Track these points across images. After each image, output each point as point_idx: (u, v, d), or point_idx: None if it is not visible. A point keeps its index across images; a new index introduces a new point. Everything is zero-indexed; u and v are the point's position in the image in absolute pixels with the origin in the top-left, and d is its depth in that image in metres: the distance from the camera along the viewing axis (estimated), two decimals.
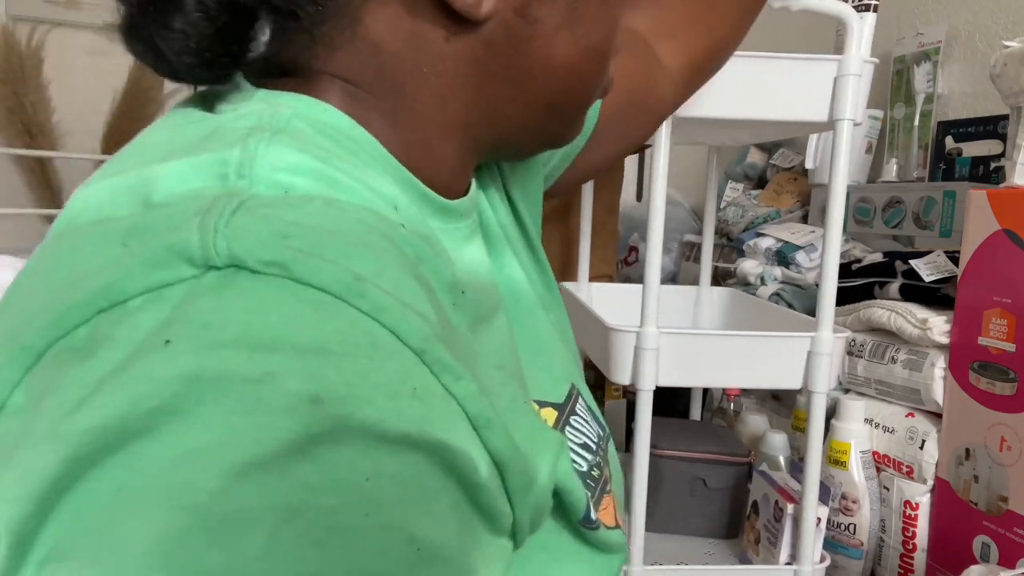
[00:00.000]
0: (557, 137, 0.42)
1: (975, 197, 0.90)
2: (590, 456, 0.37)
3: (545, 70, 0.37)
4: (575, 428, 0.37)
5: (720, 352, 0.81)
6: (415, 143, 0.35)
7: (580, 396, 0.40)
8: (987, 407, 0.88)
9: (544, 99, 0.38)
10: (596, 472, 0.37)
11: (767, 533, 0.91)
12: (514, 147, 0.41)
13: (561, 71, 0.37)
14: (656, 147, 0.76)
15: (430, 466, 0.24)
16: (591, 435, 0.38)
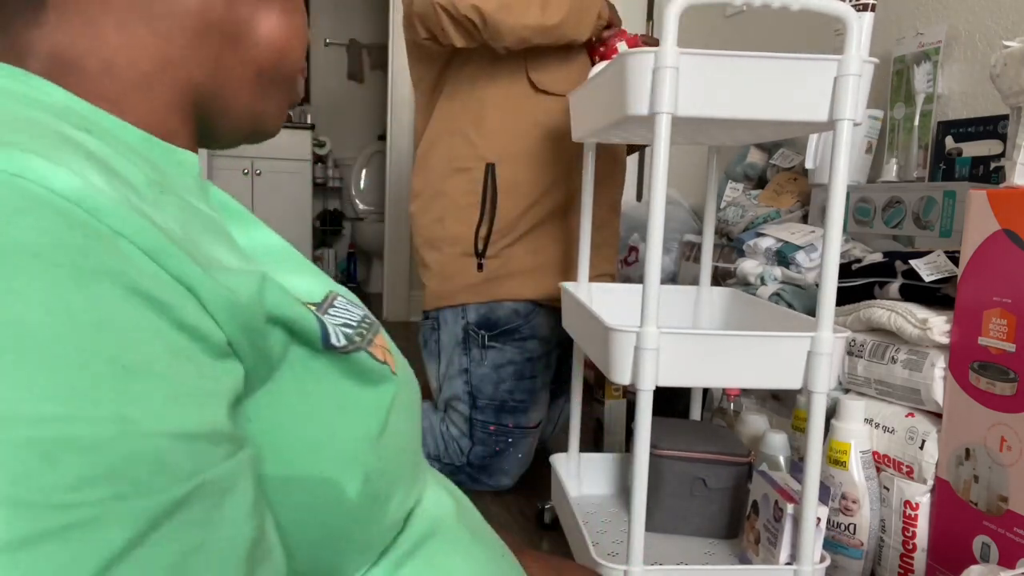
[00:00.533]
0: (261, 117, 0.48)
1: (975, 197, 0.90)
2: (350, 330, 0.42)
3: (250, 37, 0.45)
4: (332, 315, 0.43)
5: (720, 352, 0.81)
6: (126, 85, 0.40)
7: (340, 296, 0.46)
8: (987, 407, 0.88)
9: (253, 66, 0.45)
10: (357, 338, 0.42)
11: (767, 533, 0.91)
12: (226, 112, 0.46)
13: (265, 42, 0.45)
14: (656, 147, 0.76)
15: (114, 296, 0.27)
16: (352, 318, 0.44)
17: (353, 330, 0.44)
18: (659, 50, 0.74)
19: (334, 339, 0.40)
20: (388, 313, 3.31)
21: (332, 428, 0.39)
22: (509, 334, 1.40)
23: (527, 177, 1.38)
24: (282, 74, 0.48)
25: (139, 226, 0.29)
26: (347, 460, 0.40)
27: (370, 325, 0.47)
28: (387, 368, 0.44)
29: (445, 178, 1.42)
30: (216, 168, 3.88)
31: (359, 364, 0.41)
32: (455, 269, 1.41)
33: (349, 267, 4.61)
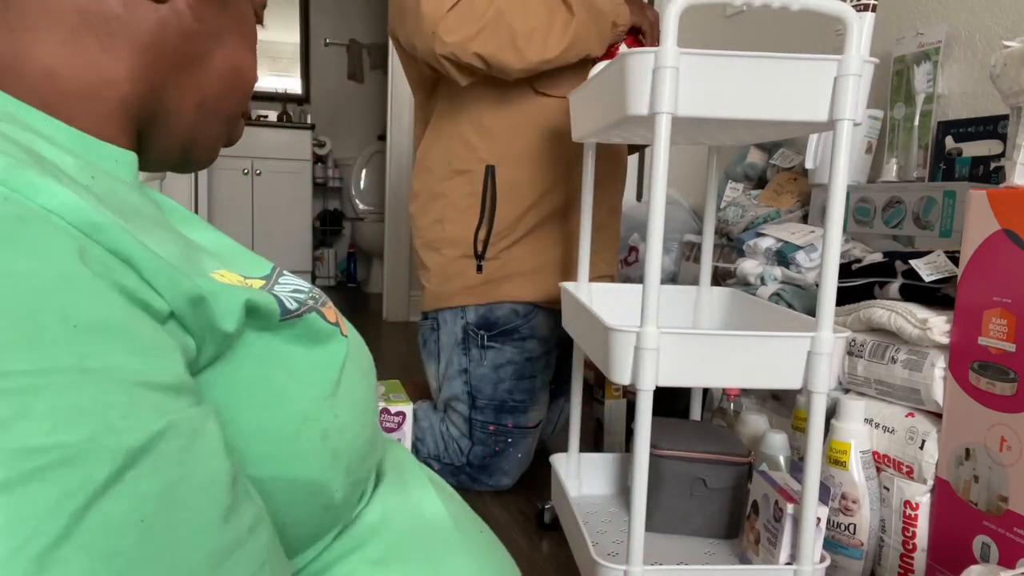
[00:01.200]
0: (197, 146, 0.50)
1: (975, 197, 0.90)
2: (301, 295, 0.45)
3: (202, 67, 0.47)
4: (283, 284, 0.46)
5: (720, 352, 0.81)
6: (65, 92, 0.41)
7: (284, 272, 0.49)
8: (987, 407, 0.88)
9: (197, 94, 0.47)
10: (310, 301, 0.45)
11: (767, 533, 0.91)
12: (163, 133, 0.47)
13: (214, 75, 0.48)
14: (656, 147, 0.76)
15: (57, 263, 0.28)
16: (301, 287, 0.47)
17: (305, 294, 0.46)
18: (659, 50, 0.74)
19: (288, 305, 0.41)
20: (388, 313, 3.31)
21: (286, 390, 0.41)
22: (508, 334, 1.40)
23: (526, 179, 1.38)
24: (224, 109, 0.50)
25: (70, 202, 0.30)
26: (303, 419, 0.41)
27: (320, 294, 0.49)
28: (337, 329, 0.46)
29: (444, 180, 1.41)
30: (216, 168, 3.88)
31: (310, 325, 0.43)
32: (454, 271, 1.41)
33: (349, 267, 4.61)
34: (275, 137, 4.15)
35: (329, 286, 4.61)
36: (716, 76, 0.76)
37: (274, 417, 0.40)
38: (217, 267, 0.42)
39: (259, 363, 0.40)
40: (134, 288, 0.31)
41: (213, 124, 0.50)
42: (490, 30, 1.21)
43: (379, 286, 3.97)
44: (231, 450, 0.34)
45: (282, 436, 0.40)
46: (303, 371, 0.42)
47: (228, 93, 0.49)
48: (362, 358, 0.50)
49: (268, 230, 4.05)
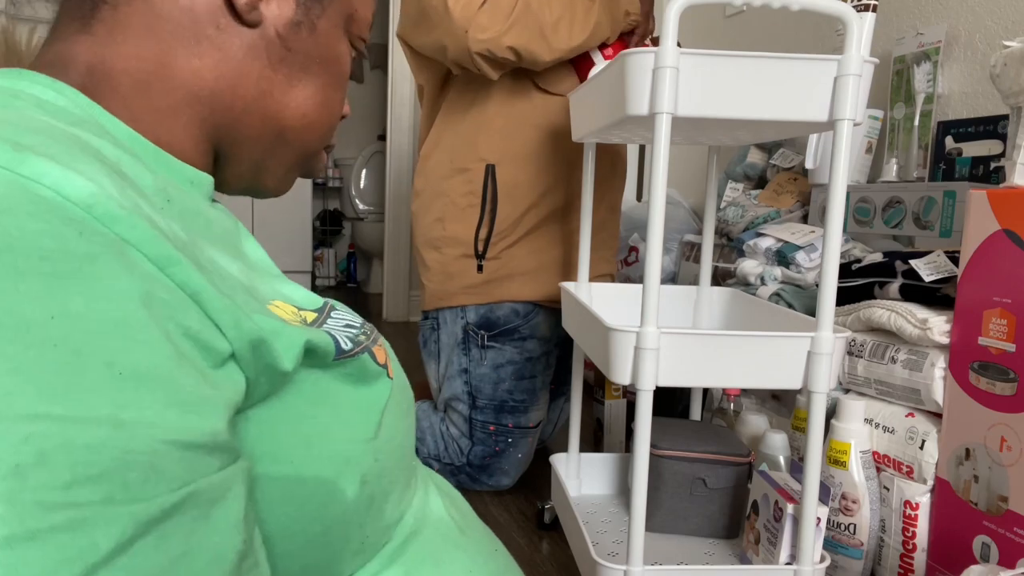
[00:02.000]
0: (265, 174, 0.50)
1: (975, 197, 0.90)
2: (353, 331, 0.45)
3: (284, 96, 0.46)
4: (336, 318, 0.45)
5: (720, 352, 0.81)
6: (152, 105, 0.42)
7: (335, 305, 0.48)
8: (987, 407, 0.88)
9: (276, 123, 0.47)
10: (362, 337, 0.45)
11: (767, 533, 0.90)
12: (237, 157, 0.48)
13: (296, 106, 0.47)
14: (656, 147, 0.76)
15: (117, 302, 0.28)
16: (353, 321, 0.46)
17: (357, 331, 0.45)
18: (659, 50, 0.74)
19: (343, 344, 0.41)
20: (388, 313, 3.31)
21: (329, 431, 0.40)
22: (508, 334, 1.40)
23: (527, 178, 1.38)
24: (302, 143, 0.49)
25: (147, 235, 0.30)
26: (344, 462, 0.40)
27: (371, 330, 0.48)
28: (384, 371, 0.45)
29: (446, 178, 1.42)
30: None
31: (362, 365, 0.42)
32: (455, 270, 1.41)
33: (349, 267, 4.61)
34: None
35: (329, 286, 4.61)
36: (716, 76, 0.76)
37: (315, 460, 0.39)
38: (273, 297, 0.42)
39: (306, 400, 0.39)
40: (197, 329, 0.31)
41: (288, 155, 0.50)
42: (520, 24, 1.24)
43: (379, 286, 3.97)
44: (250, 521, 0.33)
45: (325, 479, 0.39)
46: (347, 411, 0.42)
47: (309, 127, 0.49)
48: (404, 399, 0.50)
49: (268, 230, 4.05)
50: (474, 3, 1.23)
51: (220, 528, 0.30)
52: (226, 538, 0.30)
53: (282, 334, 0.36)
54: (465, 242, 1.40)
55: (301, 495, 0.38)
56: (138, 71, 0.41)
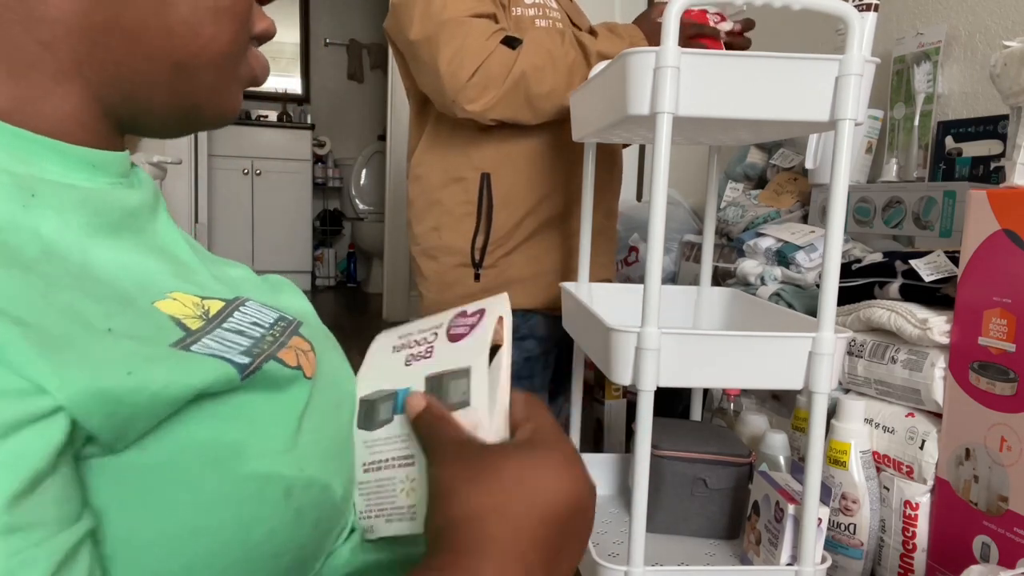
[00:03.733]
0: (199, 106, 0.43)
1: (975, 197, 0.90)
2: (261, 329, 0.41)
3: (161, 25, 0.38)
4: (245, 313, 0.42)
5: (721, 352, 0.81)
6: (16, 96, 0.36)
7: (251, 300, 0.45)
8: (987, 407, 0.88)
9: (167, 56, 0.39)
10: (271, 337, 0.41)
11: (768, 534, 0.91)
12: (149, 110, 0.42)
13: (179, 28, 0.39)
14: (657, 147, 0.76)
15: None
16: (263, 319, 0.43)
17: (264, 331, 0.42)
18: (660, 49, 0.74)
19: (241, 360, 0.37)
20: (388, 313, 3.31)
21: (245, 446, 0.37)
22: None
23: (522, 186, 1.37)
24: (212, 56, 0.41)
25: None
26: (265, 477, 0.38)
27: (285, 327, 0.44)
28: (299, 373, 0.42)
29: (440, 188, 1.41)
30: (216, 168, 3.88)
31: (270, 375, 0.39)
32: (452, 279, 1.41)
33: (349, 267, 4.61)
34: (275, 137, 4.15)
35: (329, 286, 4.61)
36: (717, 76, 0.76)
37: (230, 479, 0.36)
38: (172, 288, 0.39)
39: (214, 419, 0.36)
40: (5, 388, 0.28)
41: (207, 76, 0.41)
42: (509, 97, 1.23)
43: (379, 286, 3.97)
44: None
45: (241, 500, 0.36)
46: (265, 422, 0.38)
47: (211, 38, 0.40)
48: (333, 393, 0.46)
49: (268, 230, 4.04)
50: (465, 69, 1.21)
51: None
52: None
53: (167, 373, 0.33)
54: (462, 251, 1.39)
55: (215, 523, 0.35)
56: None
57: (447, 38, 1.22)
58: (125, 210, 0.41)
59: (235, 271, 0.52)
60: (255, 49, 0.45)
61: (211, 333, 0.38)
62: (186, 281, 0.42)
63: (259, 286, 0.52)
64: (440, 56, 1.22)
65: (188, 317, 0.39)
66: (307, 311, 0.54)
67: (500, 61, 1.22)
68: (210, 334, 0.38)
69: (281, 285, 0.55)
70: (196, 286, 0.42)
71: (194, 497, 0.35)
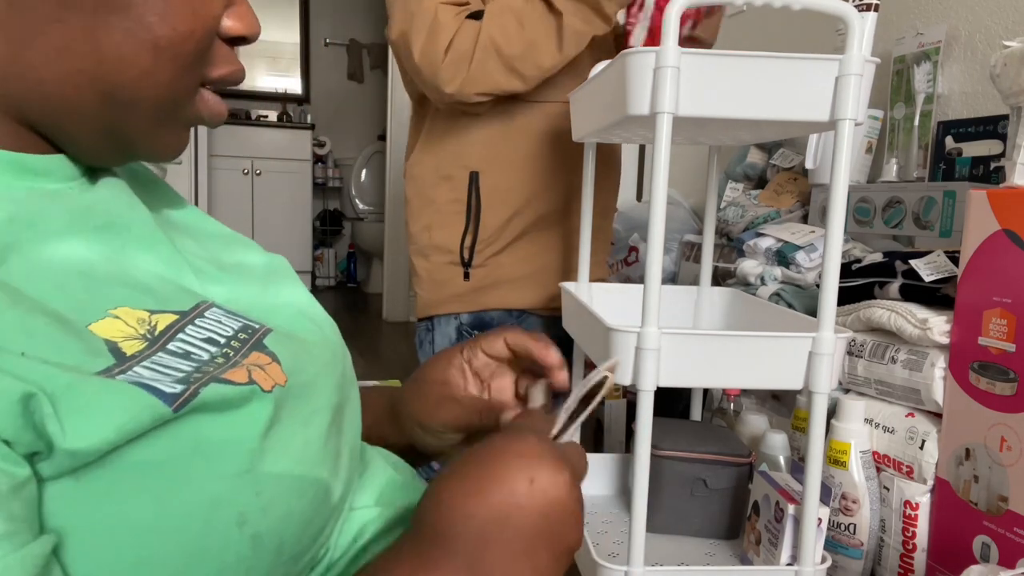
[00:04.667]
0: (132, 141, 0.40)
1: (975, 197, 0.90)
2: (214, 348, 0.39)
3: (89, 49, 0.35)
4: (200, 327, 0.39)
5: (721, 352, 0.81)
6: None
7: (216, 307, 0.42)
8: (987, 407, 0.88)
9: (93, 83, 0.36)
10: (221, 359, 0.38)
11: (768, 534, 0.90)
12: (79, 138, 0.39)
13: (110, 55, 0.36)
14: (657, 147, 0.76)
15: None
16: (221, 332, 0.40)
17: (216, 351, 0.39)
18: (660, 49, 0.74)
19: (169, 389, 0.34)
20: (388, 313, 3.31)
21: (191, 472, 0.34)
22: None
23: (511, 185, 1.37)
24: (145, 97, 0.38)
25: None
26: (213, 503, 0.35)
27: (246, 340, 0.41)
28: (254, 388, 0.38)
29: (432, 186, 1.42)
30: (216, 168, 3.88)
31: (206, 400, 0.35)
32: (444, 278, 1.41)
33: (349, 267, 4.61)
34: (275, 137, 4.15)
35: (329, 286, 4.60)
36: (717, 76, 0.76)
37: (176, 508, 0.33)
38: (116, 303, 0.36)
39: (151, 450, 0.33)
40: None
41: (140, 112, 0.38)
42: (482, 69, 1.21)
43: (379, 286, 3.97)
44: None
45: (187, 529, 0.34)
46: (213, 444, 0.35)
47: (145, 73, 0.37)
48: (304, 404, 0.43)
49: (268, 230, 4.04)
50: (437, 53, 1.21)
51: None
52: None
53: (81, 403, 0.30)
54: (452, 250, 1.39)
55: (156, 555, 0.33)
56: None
57: (417, 29, 1.21)
58: (75, 212, 0.38)
59: (248, 256, 0.50)
60: (206, 92, 0.42)
61: (148, 359, 0.35)
62: (142, 291, 0.39)
63: (259, 278, 0.50)
64: (414, 48, 1.21)
65: (127, 339, 0.36)
66: (304, 304, 0.52)
67: (467, 35, 1.21)
68: (147, 360, 0.35)
69: (283, 276, 0.53)
70: (152, 295, 0.39)
71: (131, 526, 0.32)
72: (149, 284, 0.40)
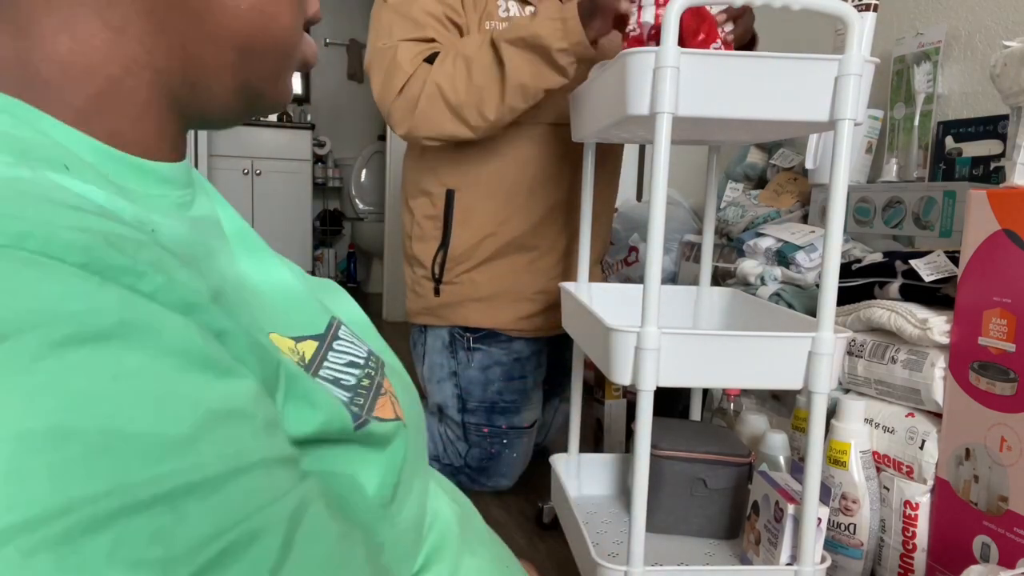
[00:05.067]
0: (260, 92, 0.42)
1: (975, 197, 0.90)
2: (357, 371, 0.40)
3: (225, 4, 0.37)
4: (338, 351, 0.40)
5: (721, 352, 0.81)
6: (92, 92, 0.35)
7: (343, 325, 0.43)
8: (987, 407, 0.88)
9: (232, 39, 0.38)
10: (367, 382, 0.40)
11: (768, 534, 0.90)
12: (213, 96, 0.40)
13: (243, 7, 0.38)
14: (657, 147, 0.76)
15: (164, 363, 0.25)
16: (358, 353, 0.41)
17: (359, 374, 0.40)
18: (660, 49, 0.74)
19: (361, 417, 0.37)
20: (388, 313, 3.31)
21: (348, 504, 0.36)
22: (494, 335, 1.40)
23: (485, 206, 1.36)
24: (275, 43, 0.41)
25: (157, 285, 0.27)
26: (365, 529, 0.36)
27: (376, 364, 0.42)
28: (398, 424, 0.40)
29: (413, 198, 1.43)
30: (216, 168, 3.88)
31: (370, 433, 0.37)
32: (421, 289, 1.43)
33: (349, 267, 4.61)
34: (275, 137, 4.15)
35: None
36: (717, 76, 0.76)
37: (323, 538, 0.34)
38: (268, 326, 0.37)
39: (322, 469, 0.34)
40: (220, 359, 0.28)
41: (269, 60, 0.41)
42: (426, 115, 1.21)
43: (379, 286, 3.97)
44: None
45: (338, 562, 0.34)
46: (367, 478, 0.37)
47: (267, 20, 0.40)
48: (420, 437, 0.45)
49: (268, 230, 4.05)
50: (391, 94, 1.22)
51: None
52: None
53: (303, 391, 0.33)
54: (426, 264, 1.40)
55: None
56: (55, 56, 0.34)
57: (377, 68, 1.24)
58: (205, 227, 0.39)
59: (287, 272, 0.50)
60: (306, 34, 0.45)
61: None
62: (276, 315, 0.39)
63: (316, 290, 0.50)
64: (374, 84, 1.24)
65: None
66: (362, 319, 0.53)
67: (419, 79, 1.21)
68: None
69: (335, 291, 0.53)
70: (285, 321, 0.40)
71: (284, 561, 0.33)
72: (279, 305, 0.41)
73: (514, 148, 1.34)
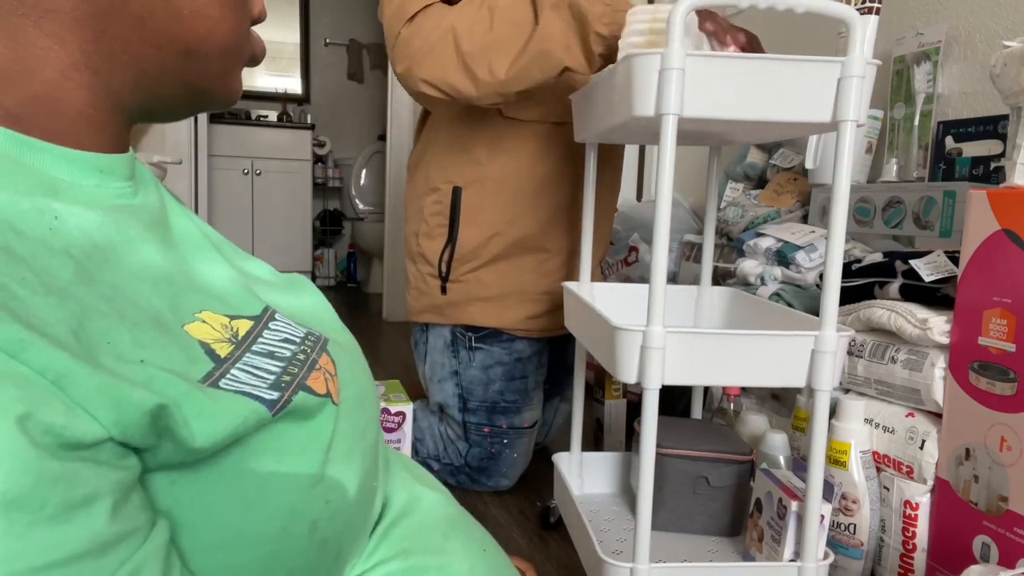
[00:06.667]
0: (207, 90, 0.43)
1: (975, 197, 0.90)
2: (292, 347, 0.41)
3: (167, 10, 0.38)
4: (274, 330, 0.42)
5: (725, 351, 0.81)
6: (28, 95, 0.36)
7: (278, 313, 0.45)
8: (987, 407, 0.88)
9: (174, 43, 0.39)
10: (302, 356, 0.41)
11: (770, 531, 0.91)
12: (158, 96, 0.41)
13: (186, 11, 0.39)
14: (662, 148, 0.76)
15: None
16: (294, 333, 0.43)
17: (295, 349, 0.41)
18: (665, 51, 0.75)
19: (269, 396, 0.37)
20: (388, 313, 3.31)
21: (272, 482, 0.36)
22: (496, 335, 1.40)
23: (492, 204, 1.36)
24: (219, 46, 0.41)
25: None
26: (291, 513, 0.37)
27: (314, 343, 0.43)
28: (327, 400, 0.41)
29: (422, 195, 1.43)
30: (216, 168, 3.88)
31: (296, 408, 0.38)
32: (425, 287, 1.43)
33: (349, 267, 4.61)
34: (275, 137, 4.15)
35: (329, 286, 4.61)
36: (722, 78, 0.76)
37: (257, 518, 0.35)
38: (200, 307, 0.38)
39: (242, 455, 0.35)
40: (61, 424, 0.27)
41: (214, 60, 0.42)
42: (432, 55, 1.13)
43: (379, 286, 3.97)
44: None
45: (265, 539, 0.35)
46: (292, 455, 0.37)
47: (217, 21, 0.41)
48: (362, 418, 0.45)
49: (268, 230, 4.05)
50: (401, 17, 1.14)
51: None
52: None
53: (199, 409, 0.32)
54: (432, 262, 1.40)
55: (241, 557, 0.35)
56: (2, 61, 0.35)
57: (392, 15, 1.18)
58: (145, 215, 0.40)
59: (256, 268, 0.51)
60: (253, 30, 0.46)
61: (240, 360, 0.38)
62: (214, 298, 0.41)
63: (279, 287, 0.52)
64: (386, 8, 1.18)
65: (217, 341, 0.38)
66: (324, 310, 0.54)
67: (435, 14, 1.14)
68: (239, 362, 0.37)
69: (301, 284, 0.55)
70: (222, 303, 0.41)
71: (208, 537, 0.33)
72: (218, 291, 0.42)
73: (521, 146, 1.35)
